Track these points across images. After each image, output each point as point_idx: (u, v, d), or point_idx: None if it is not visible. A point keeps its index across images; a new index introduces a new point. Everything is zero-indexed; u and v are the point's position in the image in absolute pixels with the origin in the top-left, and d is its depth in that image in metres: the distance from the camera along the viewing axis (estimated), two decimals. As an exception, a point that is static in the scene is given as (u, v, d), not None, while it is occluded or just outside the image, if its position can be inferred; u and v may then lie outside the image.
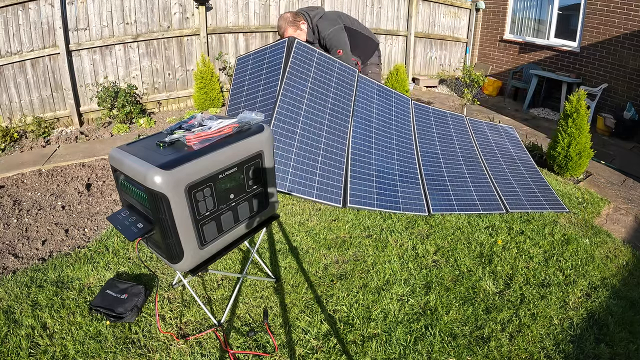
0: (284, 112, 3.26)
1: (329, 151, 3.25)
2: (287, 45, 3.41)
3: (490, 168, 3.69)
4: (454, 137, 3.96)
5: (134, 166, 1.50)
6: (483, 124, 4.36)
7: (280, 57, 3.41)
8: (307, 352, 1.85)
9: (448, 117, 4.18)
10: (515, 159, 3.95)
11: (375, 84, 3.80)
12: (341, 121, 3.41)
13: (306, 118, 3.36)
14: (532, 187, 3.53)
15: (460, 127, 4.13)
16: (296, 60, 3.41)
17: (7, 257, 2.48)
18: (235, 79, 3.72)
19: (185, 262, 1.62)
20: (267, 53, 3.58)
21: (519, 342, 1.95)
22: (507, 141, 4.24)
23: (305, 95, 3.42)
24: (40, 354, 1.78)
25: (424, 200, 3.17)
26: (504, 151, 4.04)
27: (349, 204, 2.97)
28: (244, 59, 3.82)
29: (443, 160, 3.64)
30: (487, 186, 3.44)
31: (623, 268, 2.60)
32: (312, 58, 3.51)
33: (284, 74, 3.32)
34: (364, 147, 3.37)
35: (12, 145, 4.24)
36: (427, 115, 4.06)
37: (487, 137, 4.19)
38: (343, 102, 3.50)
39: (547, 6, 6.61)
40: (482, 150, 3.94)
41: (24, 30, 4.33)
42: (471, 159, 3.76)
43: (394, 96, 3.91)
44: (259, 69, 3.60)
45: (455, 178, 3.46)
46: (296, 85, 3.35)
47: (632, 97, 5.54)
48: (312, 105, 3.41)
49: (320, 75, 3.52)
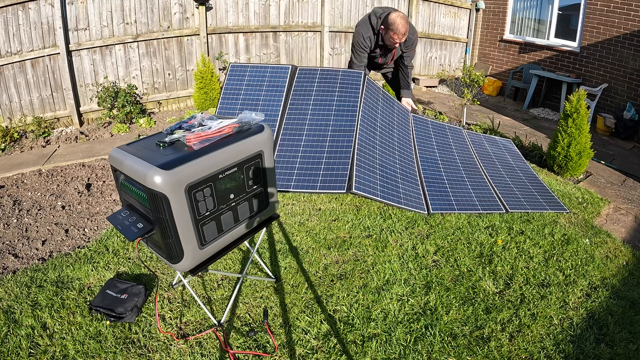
0: (291, 119, 3.53)
1: (335, 143, 3.30)
2: (290, 72, 3.80)
3: (489, 174, 3.71)
4: (453, 147, 3.99)
5: (134, 166, 1.50)
6: (481, 137, 4.41)
7: (284, 78, 3.79)
8: (307, 352, 1.85)
9: (447, 130, 4.22)
10: (514, 167, 3.98)
11: (380, 90, 3.85)
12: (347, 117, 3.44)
13: (312, 119, 3.51)
14: (532, 191, 3.53)
15: (459, 139, 4.18)
16: (299, 80, 3.80)
17: (7, 257, 2.48)
18: (228, 84, 3.85)
19: (185, 262, 1.62)
20: (268, 70, 3.89)
21: (519, 342, 1.95)
22: (506, 153, 4.28)
23: (310, 102, 3.61)
24: (40, 354, 1.78)
25: (424, 200, 3.17)
26: (503, 161, 4.08)
27: (353, 189, 2.95)
28: (240, 67, 3.95)
29: (442, 166, 3.66)
30: (486, 189, 3.44)
31: (623, 268, 2.60)
32: (314, 77, 3.78)
33: (289, 91, 3.68)
34: (369, 141, 3.38)
35: (12, 145, 4.24)
36: (426, 127, 4.10)
37: (486, 148, 4.24)
38: (348, 101, 3.54)
39: (547, 6, 6.61)
40: (481, 158, 3.97)
41: (24, 30, 4.33)
42: (470, 165, 3.79)
43: (396, 105, 3.96)
44: (258, 81, 3.86)
45: (455, 182, 3.48)
46: (300, 96, 3.64)
47: (632, 97, 5.54)
48: (318, 108, 3.56)
49: (323, 86, 3.74)
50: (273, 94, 3.73)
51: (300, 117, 3.54)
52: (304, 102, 3.62)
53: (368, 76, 3.74)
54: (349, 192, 2.96)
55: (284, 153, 3.33)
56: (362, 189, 2.99)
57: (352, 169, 3.06)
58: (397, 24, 3.34)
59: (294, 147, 3.36)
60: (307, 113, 3.55)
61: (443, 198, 3.23)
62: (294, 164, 3.24)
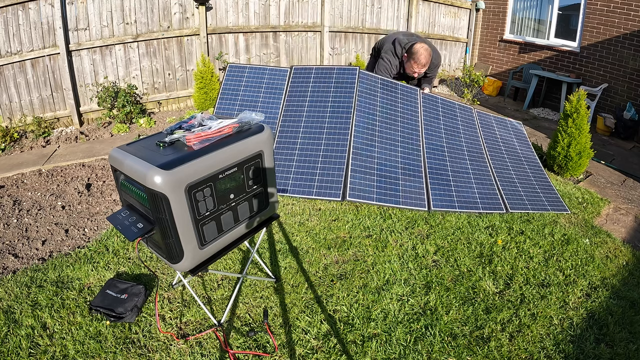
0: (287, 120, 3.54)
1: (330, 147, 3.29)
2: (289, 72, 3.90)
3: (495, 165, 3.68)
4: (461, 131, 3.91)
5: (134, 166, 1.50)
6: (491, 118, 4.30)
7: (283, 80, 3.84)
8: (307, 352, 1.85)
9: (456, 109, 4.08)
10: (520, 157, 3.94)
11: (379, 78, 3.77)
12: (342, 119, 3.43)
13: (307, 122, 3.51)
14: (535, 187, 3.52)
15: (468, 120, 4.06)
16: (296, 79, 3.85)
17: (7, 257, 2.48)
18: (226, 85, 3.85)
19: (185, 262, 1.62)
20: (267, 71, 3.94)
21: (519, 342, 1.95)
22: (514, 137, 4.20)
23: (305, 104, 3.62)
24: (40, 354, 1.78)
25: (425, 196, 3.15)
26: (510, 148, 4.01)
27: (347, 197, 2.99)
28: (238, 68, 3.95)
29: (448, 154, 3.61)
30: (489, 184, 3.42)
31: (623, 268, 2.60)
32: (310, 76, 3.82)
33: (287, 87, 3.71)
34: (366, 140, 3.37)
35: (12, 145, 4.24)
36: (435, 105, 3.96)
37: (494, 132, 4.14)
38: (343, 101, 3.52)
39: (547, 6, 6.61)
40: (488, 145, 3.90)
41: (24, 30, 4.33)
42: (476, 154, 3.74)
43: (400, 88, 3.84)
44: (257, 82, 3.91)
45: (459, 173, 3.44)
46: (296, 95, 3.66)
47: (632, 97, 5.53)
48: (313, 110, 3.54)
49: (320, 83, 3.74)
50: (272, 95, 3.73)
51: (296, 120, 3.55)
52: (299, 104, 3.62)
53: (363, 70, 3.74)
54: (344, 200, 3.01)
55: (279, 157, 3.35)
56: (357, 195, 3.03)
57: (347, 175, 3.07)
58: (420, 55, 3.49)
59: (289, 151, 3.38)
60: (302, 115, 3.55)
61: (445, 193, 3.21)
62: (290, 168, 3.25)
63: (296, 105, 3.63)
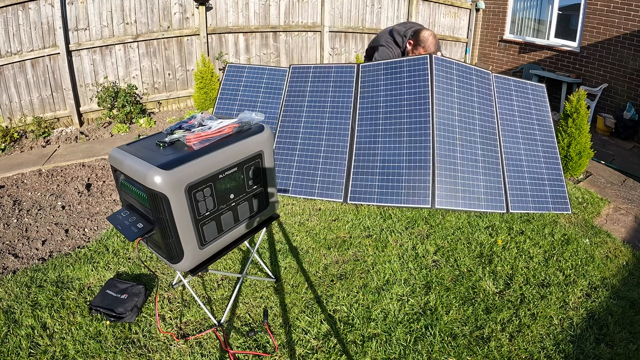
0: (287, 119, 3.54)
1: (330, 145, 3.29)
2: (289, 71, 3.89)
3: (506, 152, 3.42)
4: (475, 104, 3.53)
5: (134, 166, 1.50)
6: (510, 82, 3.86)
7: (282, 80, 3.88)
8: (307, 352, 1.85)
9: (472, 74, 3.65)
10: (536, 138, 3.61)
11: (381, 65, 3.59)
12: (342, 116, 3.42)
13: (307, 120, 3.50)
14: (542, 176, 3.36)
15: (484, 89, 3.66)
16: (294, 77, 3.85)
17: (7, 257, 2.48)
18: (225, 85, 3.86)
19: (185, 262, 1.62)
20: (266, 71, 3.94)
21: (519, 342, 1.95)
22: (533, 105, 3.81)
23: (304, 102, 3.62)
24: (40, 354, 1.78)
25: (430, 190, 3.05)
26: (527, 125, 3.66)
27: (349, 200, 3.01)
28: (237, 68, 3.95)
29: (459, 137, 3.33)
30: (496, 174, 3.27)
31: (623, 268, 2.60)
32: (308, 75, 3.83)
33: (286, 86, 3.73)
34: (368, 136, 3.31)
35: (12, 145, 4.24)
36: (450, 71, 3.54)
37: (512, 102, 3.75)
38: (343, 95, 3.51)
39: (547, 6, 6.61)
40: (502, 124, 3.57)
41: (24, 30, 4.33)
42: (488, 137, 3.45)
43: (405, 63, 3.54)
44: (256, 82, 3.92)
45: (467, 161, 3.26)
46: (295, 94, 3.68)
47: (632, 97, 5.53)
48: (312, 108, 3.55)
49: (318, 81, 3.73)
50: (271, 95, 3.74)
51: (295, 119, 3.54)
52: (298, 103, 3.61)
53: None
54: (345, 202, 3.04)
55: (279, 156, 3.35)
56: (358, 198, 3.07)
57: (349, 173, 3.07)
58: (430, 42, 3.43)
59: (289, 150, 3.38)
60: (302, 114, 3.54)
61: (450, 187, 3.10)
62: (291, 167, 3.26)
63: (295, 104, 3.62)
